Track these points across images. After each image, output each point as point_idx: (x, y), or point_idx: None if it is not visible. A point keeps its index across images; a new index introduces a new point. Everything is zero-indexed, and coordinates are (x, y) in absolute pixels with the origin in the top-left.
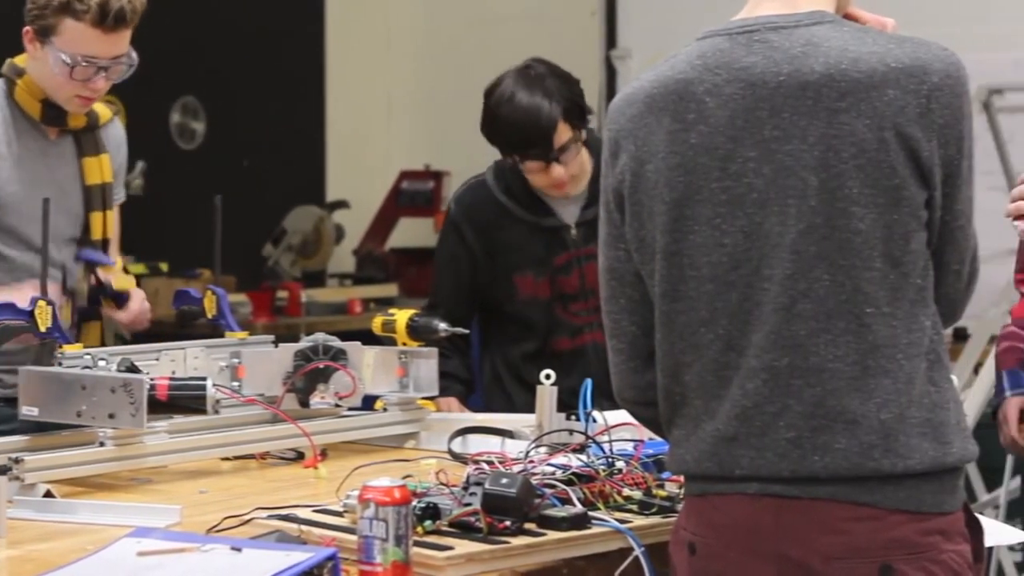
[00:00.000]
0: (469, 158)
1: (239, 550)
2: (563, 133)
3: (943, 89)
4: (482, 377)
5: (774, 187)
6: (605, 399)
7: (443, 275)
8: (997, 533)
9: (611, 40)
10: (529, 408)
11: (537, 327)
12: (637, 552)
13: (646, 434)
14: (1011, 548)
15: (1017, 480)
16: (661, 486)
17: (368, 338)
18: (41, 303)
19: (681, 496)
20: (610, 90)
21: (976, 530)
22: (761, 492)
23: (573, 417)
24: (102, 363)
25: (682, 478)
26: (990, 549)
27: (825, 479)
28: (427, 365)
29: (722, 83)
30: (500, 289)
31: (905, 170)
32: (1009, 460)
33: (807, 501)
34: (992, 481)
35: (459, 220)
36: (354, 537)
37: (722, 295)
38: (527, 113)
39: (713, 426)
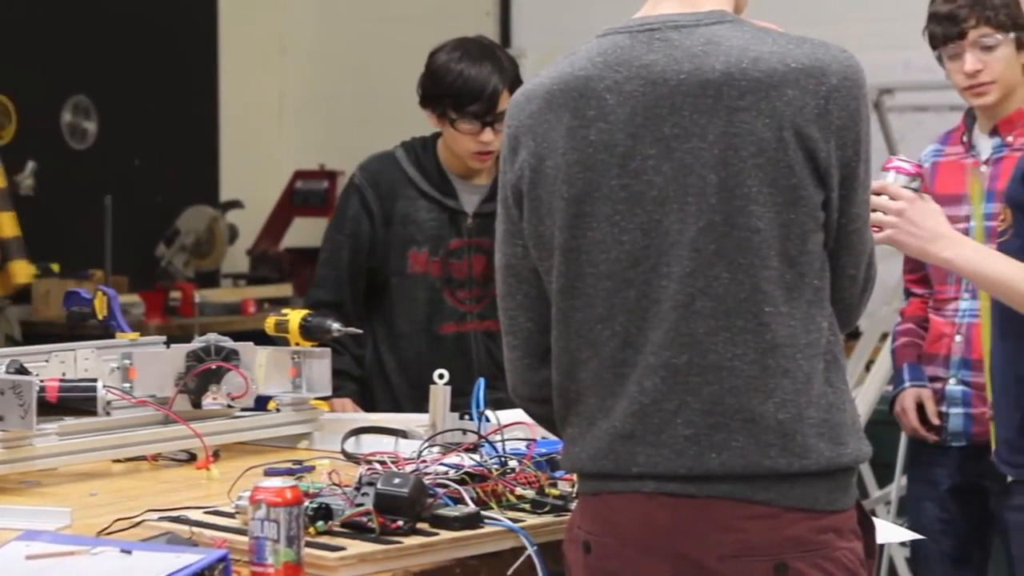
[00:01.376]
0: (364, 157)
1: (129, 553)
2: (505, 100)
3: (841, 90)
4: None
5: (674, 185)
6: (488, 388)
7: (341, 242)
8: (886, 531)
9: (505, 40)
10: (407, 390)
11: (422, 304)
12: (530, 551)
13: (539, 433)
14: (902, 544)
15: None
16: (554, 485)
17: (261, 338)
18: None
19: (574, 495)
20: None
21: (868, 527)
22: (657, 490)
23: (466, 416)
24: None
25: (575, 477)
26: (881, 546)
27: (721, 477)
28: (320, 365)
29: (622, 80)
30: (392, 261)
31: (803, 170)
32: (900, 457)
33: (703, 499)
34: (884, 478)
35: (362, 184)
36: (246, 538)
37: (620, 292)
38: (479, 70)
39: (609, 424)
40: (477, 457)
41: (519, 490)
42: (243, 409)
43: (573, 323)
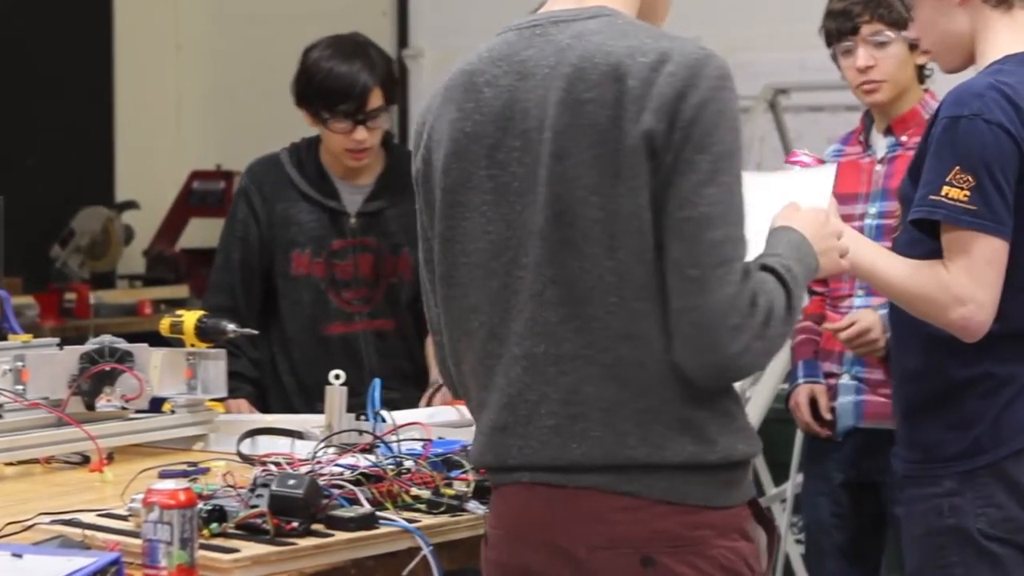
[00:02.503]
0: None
1: (20, 556)
2: (376, 98)
3: (685, 81)
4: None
5: (531, 176)
6: (384, 390)
7: (232, 245)
8: None
9: (402, 40)
10: (298, 392)
11: (307, 306)
12: (425, 551)
13: (435, 433)
14: (798, 541)
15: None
16: (449, 485)
17: (157, 340)
18: None
19: (469, 495)
20: (402, 89)
21: (767, 527)
22: (532, 481)
23: (362, 417)
24: None
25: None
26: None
27: (587, 467)
28: (215, 366)
29: (500, 75)
30: (277, 263)
31: (642, 161)
32: (795, 455)
33: (573, 490)
34: (781, 475)
35: (248, 186)
36: (139, 541)
37: (487, 282)
38: (349, 69)
39: (487, 416)
40: (372, 458)
41: (414, 490)
42: (137, 411)
43: (453, 313)
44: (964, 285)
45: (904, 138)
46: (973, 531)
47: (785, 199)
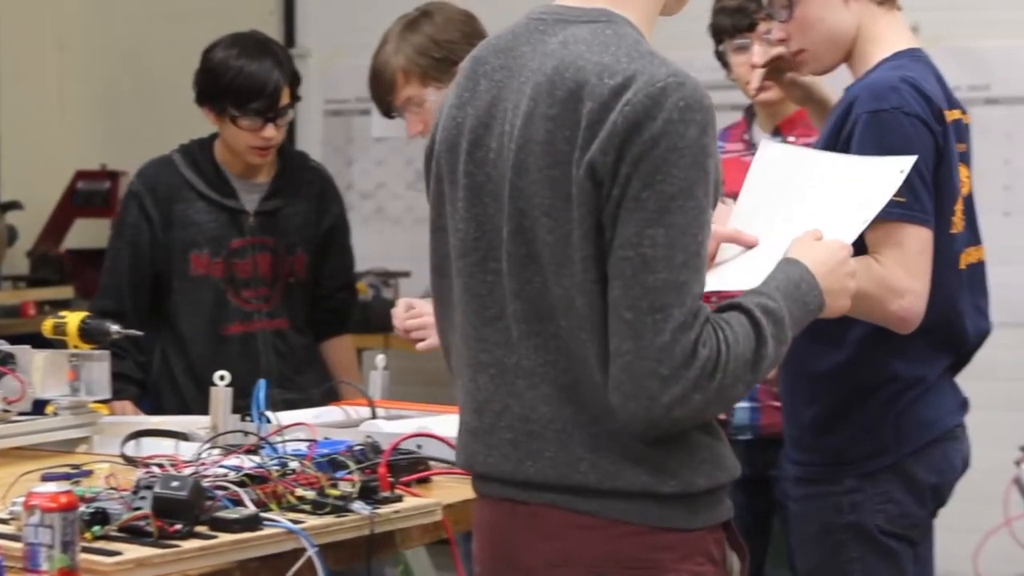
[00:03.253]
0: (147, 157)
1: None
2: (285, 96)
3: (641, 113)
4: (152, 366)
5: (501, 182)
6: (277, 388)
7: (121, 249)
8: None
9: (289, 39)
10: (195, 393)
11: (206, 306)
12: (310, 552)
13: (321, 434)
14: None
15: None
16: (335, 486)
17: (40, 341)
18: None
19: (355, 496)
20: None
21: (740, 551)
22: (500, 495)
23: (248, 418)
24: None
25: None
26: None
27: (541, 486)
28: (99, 368)
29: (497, 68)
30: (174, 265)
31: (588, 193)
32: None
33: (534, 506)
34: None
35: (140, 190)
36: (20, 545)
37: (457, 279)
38: (260, 67)
39: (463, 416)
40: (257, 459)
41: (299, 491)
42: (20, 413)
43: (444, 305)
44: (900, 277)
45: (792, 138)
46: (872, 528)
47: (849, 183)
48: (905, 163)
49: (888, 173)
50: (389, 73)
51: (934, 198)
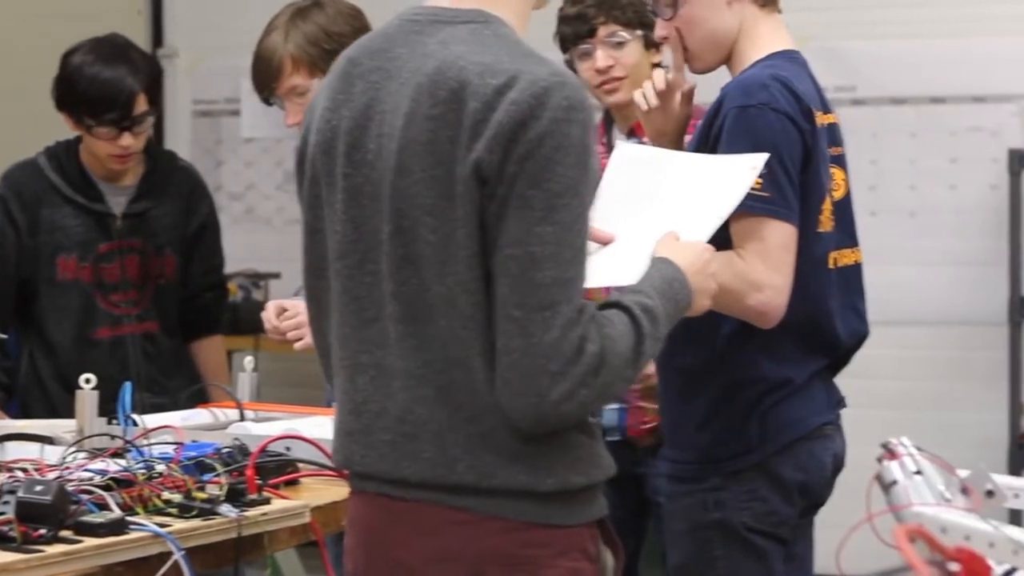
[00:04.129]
0: (13, 159)
1: None
2: (141, 103)
3: (526, 111)
4: (19, 371)
5: (380, 183)
6: (146, 391)
7: None
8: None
9: (158, 39)
10: (64, 398)
11: (74, 311)
12: (177, 556)
13: (188, 437)
14: None
15: None
16: (201, 488)
17: None
18: None
19: (222, 498)
20: None
21: (615, 548)
22: (376, 491)
23: (114, 421)
24: None
25: None
26: None
27: (418, 485)
28: None
29: (372, 69)
30: (41, 270)
31: (473, 192)
32: None
33: (411, 503)
34: None
35: (6, 195)
36: None
37: (334, 282)
38: (113, 75)
39: (339, 417)
40: (123, 462)
41: (166, 494)
42: None
43: (319, 306)
44: (760, 271)
45: (646, 140)
46: (738, 525)
47: (703, 182)
48: (758, 160)
49: (741, 171)
50: (277, 59)
51: (800, 196)
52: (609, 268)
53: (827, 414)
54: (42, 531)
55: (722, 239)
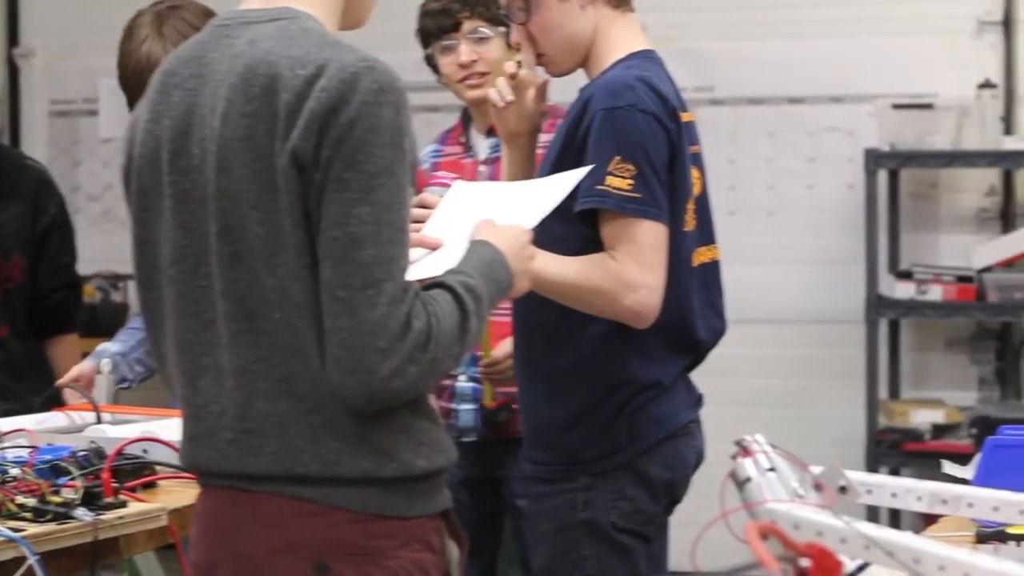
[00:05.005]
0: None
1: None
2: None
3: (337, 97)
4: None
5: (208, 187)
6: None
7: None
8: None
9: (13, 39)
10: None
11: None
12: (31, 561)
13: (43, 440)
14: None
15: None
16: (56, 492)
17: None
18: None
19: (77, 502)
20: (13, 89)
21: (459, 540)
22: (222, 486)
23: None
24: None
25: None
26: None
27: (265, 478)
28: None
29: (188, 77)
30: None
31: (294, 180)
32: None
33: (256, 494)
34: None
35: None
36: None
37: (169, 289)
38: None
39: (184, 423)
40: None
41: (20, 499)
42: None
43: (153, 318)
44: (633, 271)
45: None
46: (606, 524)
47: (532, 192)
48: (583, 172)
49: (568, 178)
50: (154, 62)
51: (668, 196)
52: (430, 263)
53: (691, 412)
54: None
55: (594, 241)
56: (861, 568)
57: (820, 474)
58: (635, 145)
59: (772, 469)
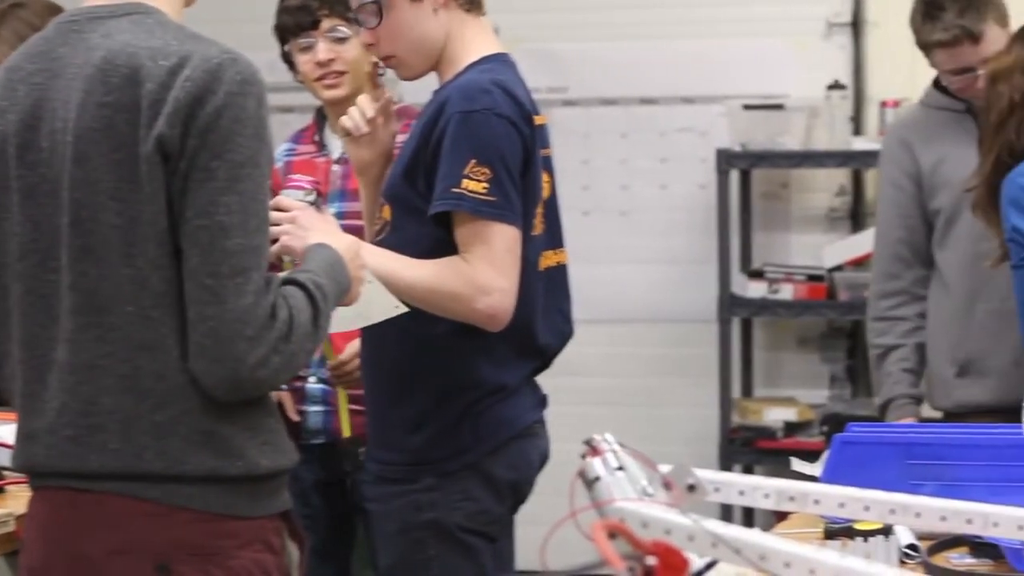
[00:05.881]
0: None
1: None
2: None
3: (204, 88)
4: None
5: (58, 179)
6: None
7: None
8: None
9: None
10: None
11: None
12: None
13: None
14: None
15: None
16: None
17: None
18: None
19: None
20: None
21: (300, 541)
22: (59, 486)
23: None
24: None
25: None
26: None
27: (106, 476)
28: None
29: (34, 72)
30: None
31: (157, 169)
32: None
33: (96, 495)
34: None
35: None
36: None
37: (15, 285)
38: None
39: (21, 422)
40: None
41: None
42: None
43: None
44: (487, 274)
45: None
46: (451, 525)
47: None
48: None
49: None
50: None
51: (521, 200)
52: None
53: (535, 412)
54: None
55: (447, 243)
56: (709, 566)
57: (669, 472)
58: (491, 149)
59: (621, 468)
